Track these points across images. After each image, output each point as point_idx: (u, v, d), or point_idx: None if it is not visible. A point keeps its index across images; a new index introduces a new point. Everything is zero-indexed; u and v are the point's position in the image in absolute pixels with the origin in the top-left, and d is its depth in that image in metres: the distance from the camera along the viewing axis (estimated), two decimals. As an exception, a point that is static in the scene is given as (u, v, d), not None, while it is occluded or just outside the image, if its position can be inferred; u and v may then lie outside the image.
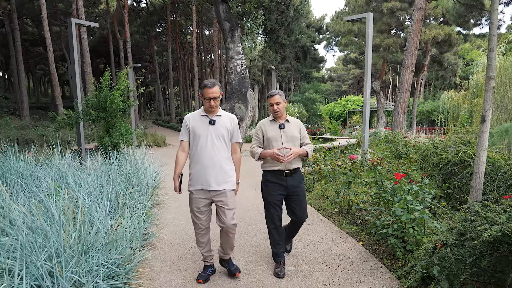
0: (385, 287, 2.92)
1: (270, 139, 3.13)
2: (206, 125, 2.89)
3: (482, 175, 3.67)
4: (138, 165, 5.67)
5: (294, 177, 3.14)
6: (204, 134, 2.87)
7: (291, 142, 3.12)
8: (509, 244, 2.18)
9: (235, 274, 3.10)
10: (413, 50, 12.17)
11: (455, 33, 21.23)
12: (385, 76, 36.55)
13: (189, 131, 2.95)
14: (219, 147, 2.89)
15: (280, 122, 3.18)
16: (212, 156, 2.86)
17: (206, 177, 2.86)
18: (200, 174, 2.88)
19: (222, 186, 2.89)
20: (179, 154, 2.98)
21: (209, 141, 2.86)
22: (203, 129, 2.89)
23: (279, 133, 3.13)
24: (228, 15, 11.92)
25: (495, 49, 3.63)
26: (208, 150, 2.86)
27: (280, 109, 3.12)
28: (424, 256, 2.63)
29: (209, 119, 2.90)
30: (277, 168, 3.10)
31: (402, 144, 8.53)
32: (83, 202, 3.49)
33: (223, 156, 2.91)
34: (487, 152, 4.76)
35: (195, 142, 2.92)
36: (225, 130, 2.91)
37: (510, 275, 2.12)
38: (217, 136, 2.88)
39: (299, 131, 3.23)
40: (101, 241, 2.76)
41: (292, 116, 22.13)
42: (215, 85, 2.82)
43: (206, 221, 2.98)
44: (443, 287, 2.41)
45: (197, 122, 2.92)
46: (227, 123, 2.95)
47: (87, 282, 2.42)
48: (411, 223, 3.15)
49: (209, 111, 2.92)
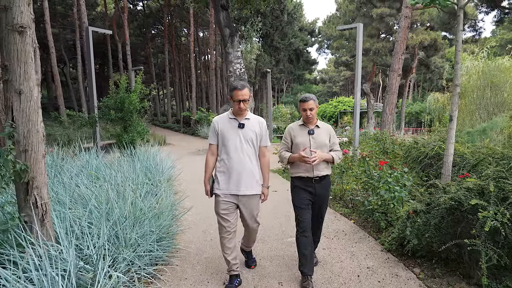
0: (371, 249, 3.72)
1: (298, 145, 3.02)
2: (235, 128, 2.84)
3: (450, 164, 4.50)
4: (156, 159, 6.38)
5: (323, 184, 3.05)
6: (232, 138, 2.82)
7: (320, 149, 2.99)
8: (460, 210, 2.98)
9: (251, 266, 3.27)
10: (400, 55, 13.09)
11: (440, 38, 22.33)
12: (375, 78, 37.60)
13: (217, 134, 2.89)
14: (247, 151, 2.85)
15: (310, 127, 3.06)
16: (241, 160, 2.81)
17: (234, 181, 2.82)
18: (228, 178, 2.84)
19: (250, 190, 2.86)
20: (209, 157, 2.96)
21: (238, 145, 2.82)
22: (231, 133, 2.84)
23: (308, 139, 3.02)
24: (228, 21, 12.67)
25: (459, 61, 4.46)
26: (236, 154, 2.81)
27: (313, 115, 3.00)
28: (400, 222, 3.44)
29: (238, 122, 2.85)
30: (305, 175, 3.01)
31: (389, 142, 9.38)
32: (124, 186, 4.21)
33: (252, 160, 2.87)
34: (458, 146, 5.63)
35: (223, 145, 2.86)
36: (254, 134, 2.86)
37: (459, 229, 2.93)
38: (246, 140, 2.84)
39: (329, 138, 3.09)
40: (149, 214, 3.50)
41: (284, 116, 22.78)
42: (244, 87, 2.77)
43: (233, 224, 2.89)
44: (414, 243, 3.22)
45: (226, 125, 2.87)
46: (256, 127, 2.89)
47: (141, 243, 3.16)
48: (392, 200, 3.97)
49: (238, 114, 2.86)
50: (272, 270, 3.26)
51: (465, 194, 2.92)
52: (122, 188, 3.82)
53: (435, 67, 26.79)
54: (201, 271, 3.26)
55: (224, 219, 2.85)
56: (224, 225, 2.86)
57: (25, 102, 2.42)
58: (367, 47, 21.68)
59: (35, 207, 2.54)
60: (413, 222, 3.28)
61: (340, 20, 24.87)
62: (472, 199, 2.76)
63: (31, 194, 2.51)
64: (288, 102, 31.29)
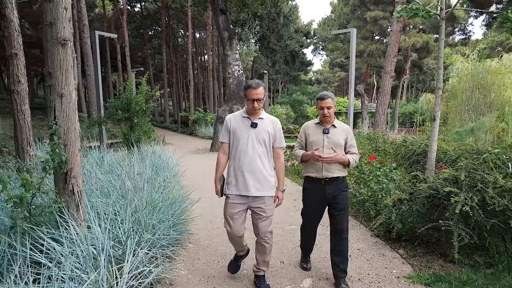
0: (362, 235, 4.18)
1: (312, 144, 2.95)
2: (247, 127, 2.77)
3: (434, 159, 4.96)
4: (162, 157, 6.80)
5: (334, 186, 2.93)
6: (244, 137, 2.75)
7: (335, 149, 2.87)
8: (437, 197, 3.44)
9: None
10: (392, 58, 13.61)
11: (432, 40, 22.93)
12: (369, 78, 38.24)
13: (229, 132, 2.83)
14: (259, 151, 2.76)
15: (326, 126, 2.97)
16: (252, 160, 2.73)
17: (245, 182, 2.74)
18: (238, 179, 2.77)
19: (262, 192, 2.77)
20: (220, 156, 2.88)
21: (250, 145, 2.74)
22: (244, 132, 2.76)
23: (322, 138, 2.93)
24: (227, 25, 13.10)
25: (442, 67, 4.94)
26: (248, 154, 2.73)
27: (331, 113, 2.90)
28: (386, 210, 3.90)
29: (250, 121, 2.78)
30: (314, 175, 2.95)
31: (381, 141, 9.87)
32: (136, 179, 4.63)
33: (263, 161, 2.78)
34: (443, 144, 6.11)
35: (234, 144, 2.80)
36: (266, 134, 2.78)
37: (436, 214, 3.38)
38: (258, 140, 2.75)
39: (346, 138, 2.97)
40: (163, 203, 3.92)
41: (280, 117, 23.30)
42: (259, 85, 2.71)
43: (239, 226, 2.82)
44: (398, 227, 3.67)
45: (239, 124, 2.80)
46: (269, 127, 2.81)
47: (159, 228, 3.58)
48: (380, 192, 4.43)
49: (251, 113, 2.79)
50: (274, 252, 3.70)
51: (441, 183, 3.38)
52: (138, 181, 4.23)
53: (427, 68, 27.44)
54: (212, 253, 3.69)
55: (228, 222, 2.80)
56: (228, 229, 2.83)
57: (66, 104, 2.84)
58: (361, 49, 22.23)
59: (72, 194, 2.95)
60: (398, 209, 3.74)
61: (335, 22, 25.43)
62: (447, 187, 3.22)
63: (69, 182, 2.92)
64: (283, 103, 31.81)
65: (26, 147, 5.86)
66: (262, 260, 2.90)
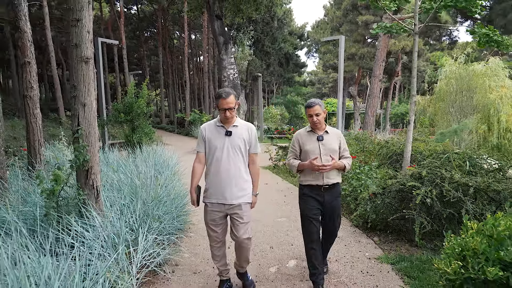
0: (342, 225, 4.73)
1: (308, 152, 2.96)
2: (222, 136, 2.79)
3: (409, 159, 5.54)
4: (163, 156, 7.31)
5: (332, 192, 2.99)
6: (220, 146, 2.77)
7: (331, 154, 2.92)
8: (404, 190, 4.01)
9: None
10: (381, 62, 14.24)
11: (421, 44, 23.62)
12: (363, 80, 38.98)
13: (205, 142, 2.86)
14: (235, 159, 2.79)
15: (318, 133, 2.99)
16: (228, 168, 2.76)
17: (221, 190, 2.78)
18: (215, 187, 2.80)
19: (238, 200, 2.79)
20: (195, 165, 2.90)
21: (225, 153, 2.76)
22: (219, 141, 2.79)
23: (318, 145, 2.95)
24: (222, 30, 13.64)
25: (415, 76, 5.53)
26: (224, 162, 2.76)
27: (320, 120, 2.92)
28: (363, 202, 4.46)
29: (225, 130, 2.80)
30: (314, 183, 2.94)
31: (368, 142, 10.47)
32: (144, 177, 5.15)
33: (240, 168, 2.81)
34: (420, 145, 6.70)
35: (210, 153, 2.82)
36: (242, 141, 2.81)
37: (403, 205, 3.96)
38: (233, 147, 2.78)
39: (339, 143, 3.02)
40: (167, 198, 4.45)
41: (274, 117, 23.78)
42: (229, 95, 2.71)
43: (221, 234, 2.90)
44: (372, 218, 4.24)
45: (213, 133, 2.83)
46: (244, 133, 2.84)
47: (164, 218, 4.10)
48: (359, 187, 4.99)
49: (225, 122, 2.81)
50: (264, 239, 4.25)
51: (407, 179, 3.96)
52: (144, 178, 4.75)
53: (418, 70, 28.17)
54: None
55: (212, 229, 2.86)
56: (212, 234, 2.88)
57: (88, 112, 3.36)
58: (353, 52, 22.89)
59: (92, 188, 3.47)
60: (372, 202, 4.31)
61: (327, 25, 26.07)
62: (411, 182, 3.80)
63: (90, 178, 3.44)
64: (278, 104, 32.39)
65: (37, 148, 6.33)
66: (243, 259, 2.99)
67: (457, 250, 1.93)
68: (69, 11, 3.26)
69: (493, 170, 4.21)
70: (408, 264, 3.46)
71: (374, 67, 14.45)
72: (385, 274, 3.32)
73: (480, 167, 4.44)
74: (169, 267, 3.48)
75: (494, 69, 15.87)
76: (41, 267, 2.37)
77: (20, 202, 3.88)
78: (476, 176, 4.08)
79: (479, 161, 4.62)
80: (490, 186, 3.59)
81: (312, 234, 2.95)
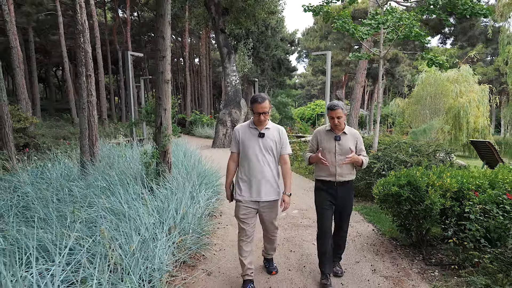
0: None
1: (324, 150, 3.12)
2: (255, 137, 2.96)
3: (376, 146, 7.59)
4: (187, 149, 9.23)
5: (345, 188, 3.13)
6: (253, 147, 2.94)
7: (346, 155, 3.04)
8: (368, 166, 6.04)
9: (271, 272, 3.37)
10: (363, 70, 16.39)
11: (401, 53, 25.99)
12: (350, 82, 41.29)
13: (238, 143, 3.03)
14: (267, 159, 2.96)
15: (337, 133, 3.12)
16: (261, 168, 2.94)
17: (254, 189, 2.96)
18: (248, 185, 2.98)
19: (270, 196, 2.99)
20: (230, 164, 3.10)
21: (258, 154, 2.94)
22: (252, 142, 2.95)
23: (334, 145, 3.09)
24: (226, 42, 15.61)
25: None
26: (257, 162, 2.94)
27: (341, 122, 3.05)
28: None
29: (258, 132, 2.96)
30: (327, 179, 3.11)
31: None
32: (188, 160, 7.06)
33: (272, 168, 2.99)
34: (387, 139, 8.77)
35: (244, 154, 2.99)
36: (273, 142, 2.97)
37: (366, 175, 5.99)
38: (265, 148, 2.94)
39: (355, 144, 3.15)
40: (208, 173, 6.40)
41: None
42: (264, 100, 2.86)
43: (252, 227, 3.05)
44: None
45: (247, 135, 2.99)
46: (276, 135, 3.00)
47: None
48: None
49: (258, 124, 2.97)
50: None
51: (371, 160, 6.02)
52: (188, 161, 6.68)
53: (399, 75, 30.64)
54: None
55: (244, 222, 3.02)
56: (244, 228, 3.03)
57: (167, 114, 5.29)
58: (339, 59, 25.08)
59: (167, 163, 5.40)
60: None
61: (316, 33, 28.21)
62: (371, 160, 5.85)
63: (166, 156, 5.38)
64: (270, 105, 34.20)
65: (94, 141, 8.20)
66: (270, 247, 3.36)
67: (382, 182, 3.96)
68: (157, 52, 5.20)
69: (428, 153, 6.29)
70: (367, 211, 5.51)
71: (357, 75, 16.60)
72: (358, 216, 5.34)
73: (421, 151, 6.52)
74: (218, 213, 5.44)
75: (464, 75, 18.17)
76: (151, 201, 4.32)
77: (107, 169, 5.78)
78: (417, 157, 6.14)
79: (422, 148, 6.69)
80: (421, 162, 5.67)
81: (325, 225, 3.13)
